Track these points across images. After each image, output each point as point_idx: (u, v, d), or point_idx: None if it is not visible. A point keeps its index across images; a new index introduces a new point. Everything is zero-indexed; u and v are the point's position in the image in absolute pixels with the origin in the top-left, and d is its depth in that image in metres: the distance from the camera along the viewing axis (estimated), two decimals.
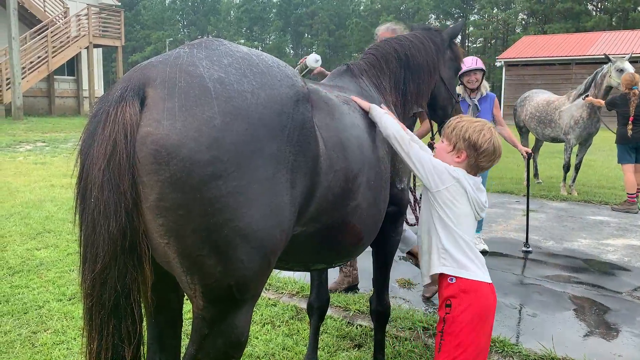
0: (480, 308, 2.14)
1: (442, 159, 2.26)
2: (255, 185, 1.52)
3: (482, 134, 2.19)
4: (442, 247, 2.19)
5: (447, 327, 2.14)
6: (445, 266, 2.18)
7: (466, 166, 2.24)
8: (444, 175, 2.19)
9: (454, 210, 2.19)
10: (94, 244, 1.46)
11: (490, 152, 2.19)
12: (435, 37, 3.05)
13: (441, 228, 2.21)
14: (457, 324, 2.12)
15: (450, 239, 2.19)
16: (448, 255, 2.18)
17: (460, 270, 2.16)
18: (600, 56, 28.94)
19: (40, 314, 3.76)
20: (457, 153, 2.23)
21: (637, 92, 7.62)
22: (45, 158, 11.71)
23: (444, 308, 2.18)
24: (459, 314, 2.12)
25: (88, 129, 1.51)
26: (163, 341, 1.88)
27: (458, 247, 2.18)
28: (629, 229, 6.71)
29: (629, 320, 3.88)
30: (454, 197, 2.19)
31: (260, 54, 1.75)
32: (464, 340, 2.10)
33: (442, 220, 2.20)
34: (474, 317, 2.12)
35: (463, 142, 2.20)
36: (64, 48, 23.10)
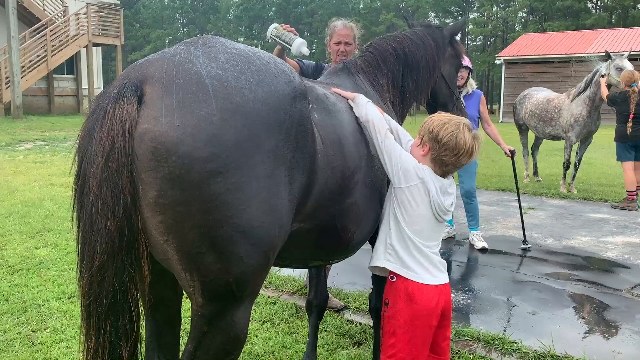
0: (417, 311, 2.13)
1: (412, 153, 2.25)
2: (253, 182, 1.52)
3: (445, 126, 2.13)
4: (390, 242, 2.20)
5: (384, 324, 2.20)
6: (389, 261, 2.19)
7: (430, 160, 2.19)
8: (409, 173, 2.15)
9: (410, 210, 2.17)
10: (92, 242, 1.46)
11: (452, 147, 2.11)
12: (435, 34, 3.04)
13: (393, 224, 2.20)
14: (391, 324, 2.16)
15: (399, 238, 2.18)
16: (394, 252, 2.18)
17: (402, 269, 2.16)
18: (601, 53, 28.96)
19: (40, 312, 3.76)
20: (422, 146, 2.20)
21: (636, 89, 7.61)
22: (44, 157, 11.70)
23: (383, 305, 2.22)
24: (393, 314, 2.16)
25: (86, 126, 1.51)
26: (161, 339, 1.88)
27: (405, 247, 2.17)
28: (628, 226, 6.71)
29: (628, 318, 3.88)
30: (412, 198, 2.15)
31: (257, 51, 1.75)
32: (397, 341, 2.13)
33: (396, 217, 2.20)
34: (407, 321, 2.12)
35: (427, 135, 2.18)
36: (63, 47, 23.09)
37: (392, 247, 2.19)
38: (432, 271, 2.18)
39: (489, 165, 11.38)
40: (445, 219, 2.21)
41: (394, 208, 2.20)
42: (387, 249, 2.20)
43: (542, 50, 31.64)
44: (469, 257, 5.37)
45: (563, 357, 3.21)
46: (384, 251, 2.22)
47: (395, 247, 2.18)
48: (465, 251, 5.56)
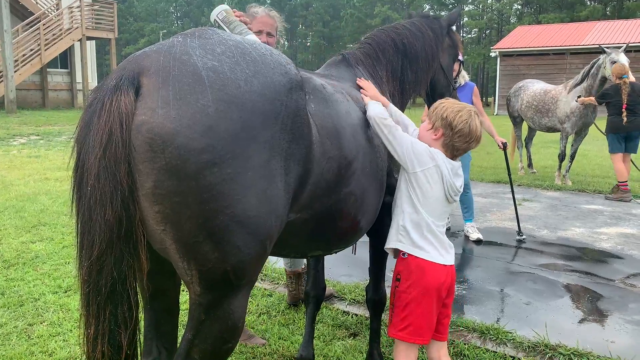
0: (429, 284, 2.24)
1: (422, 137, 2.34)
2: (249, 172, 1.53)
3: (459, 114, 2.25)
4: (403, 225, 2.30)
5: (395, 300, 2.31)
6: (400, 242, 2.30)
7: (442, 145, 2.30)
8: (422, 157, 2.25)
9: (425, 192, 2.27)
10: (91, 232, 1.48)
11: (465, 133, 2.25)
12: (433, 24, 3.05)
13: (408, 207, 2.30)
14: (403, 299, 2.27)
15: (414, 220, 2.28)
16: (406, 234, 2.29)
17: (414, 249, 2.27)
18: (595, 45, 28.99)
19: (36, 306, 3.77)
20: (435, 131, 2.30)
21: (627, 80, 7.72)
22: (39, 151, 11.67)
23: (394, 281, 2.33)
24: (405, 289, 2.27)
25: (84, 118, 1.52)
26: (160, 328, 1.90)
27: (418, 228, 2.28)
28: (622, 217, 6.76)
29: (621, 307, 3.92)
30: (426, 180, 2.26)
31: (253, 43, 1.75)
32: (410, 314, 2.25)
33: (411, 200, 2.29)
34: (419, 294, 2.24)
35: (441, 121, 2.27)
36: (57, 41, 22.95)
37: (404, 229, 2.30)
38: (441, 251, 2.29)
39: (483, 158, 11.42)
40: (455, 199, 2.34)
41: (408, 192, 2.30)
42: (400, 231, 2.31)
43: (537, 42, 31.66)
44: (464, 249, 5.41)
45: (557, 346, 3.24)
46: (396, 233, 2.33)
47: (407, 229, 2.29)
48: (460, 243, 5.59)
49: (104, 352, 1.54)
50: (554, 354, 3.19)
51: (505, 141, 5.65)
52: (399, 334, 2.29)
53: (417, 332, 2.26)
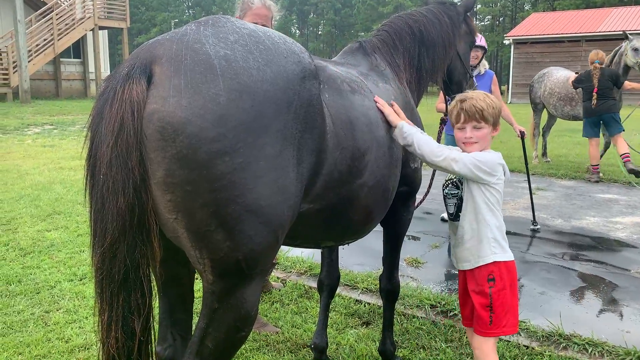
0: (514, 279, 2.33)
1: (487, 142, 2.34)
2: (261, 162, 1.52)
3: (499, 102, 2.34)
4: (493, 236, 2.29)
5: (495, 300, 2.27)
6: (495, 254, 2.29)
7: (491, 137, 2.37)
8: (495, 167, 2.27)
9: (501, 195, 2.33)
10: (103, 220, 1.49)
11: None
12: (450, 11, 3.01)
13: (491, 217, 2.30)
14: (503, 297, 2.27)
15: (499, 227, 2.31)
16: (497, 244, 2.30)
17: (505, 254, 2.31)
18: (612, 32, 28.47)
19: (52, 293, 3.82)
20: (495, 128, 2.35)
21: (598, 66, 7.91)
22: (53, 141, 11.77)
23: (487, 282, 2.30)
24: (502, 287, 2.27)
25: (96, 107, 1.52)
26: (174, 316, 1.91)
27: (502, 233, 2.32)
28: (638, 206, 6.68)
29: (637, 297, 3.88)
30: (501, 183, 2.32)
31: (267, 31, 1.74)
32: (510, 309, 2.29)
33: (492, 209, 2.30)
34: (511, 282, 2.31)
35: (499, 117, 2.33)
36: (70, 30, 23.07)
37: (495, 240, 2.30)
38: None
39: (497, 147, 11.20)
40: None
41: (487, 203, 2.30)
42: (491, 243, 2.29)
43: (552, 30, 31.17)
44: None
45: (571, 336, 3.22)
46: (489, 247, 2.29)
47: (497, 239, 2.30)
48: None
49: (118, 338, 1.55)
50: (568, 344, 3.17)
51: (524, 130, 5.60)
52: (504, 330, 2.30)
53: (516, 322, 2.34)
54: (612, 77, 7.90)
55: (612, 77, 7.91)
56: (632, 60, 8.05)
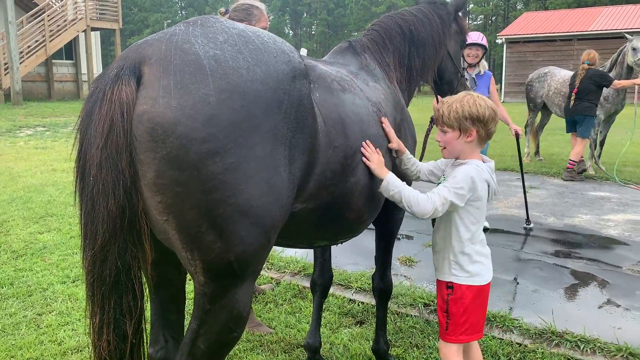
0: (479, 297, 2.26)
1: (454, 147, 2.25)
2: (252, 162, 1.52)
3: (477, 104, 2.17)
4: (455, 259, 2.25)
5: (451, 306, 2.25)
6: (454, 275, 2.25)
7: (477, 141, 2.22)
8: (475, 185, 2.16)
9: (479, 212, 2.24)
10: (94, 222, 1.48)
11: (492, 117, 2.19)
12: (440, 10, 3.02)
13: (457, 239, 2.23)
14: (461, 303, 2.23)
15: (463, 251, 2.23)
16: (458, 267, 2.24)
17: (469, 279, 2.23)
18: (603, 31, 28.57)
19: (45, 296, 3.81)
20: (466, 134, 2.20)
21: (585, 67, 8.06)
22: (45, 142, 11.71)
23: (445, 289, 2.28)
24: (462, 294, 2.23)
25: (85, 108, 1.52)
26: (166, 317, 1.91)
27: (468, 257, 2.23)
28: (629, 204, 6.72)
29: (629, 294, 3.91)
30: (480, 198, 2.21)
31: (256, 31, 1.73)
32: (469, 317, 2.24)
33: (462, 229, 2.23)
34: (475, 295, 2.24)
35: (466, 121, 2.17)
36: (62, 32, 22.93)
37: (456, 263, 2.25)
38: (487, 264, 2.29)
39: (490, 145, 11.29)
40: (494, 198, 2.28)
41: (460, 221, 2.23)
42: (452, 265, 2.25)
43: (544, 29, 31.29)
44: None
45: (564, 333, 3.24)
46: (448, 267, 2.27)
47: (459, 263, 2.24)
48: None
49: (110, 341, 1.54)
50: (560, 341, 3.18)
51: (520, 129, 5.63)
52: (460, 337, 2.25)
53: (476, 329, 2.28)
54: (595, 79, 7.99)
55: (596, 78, 7.99)
56: (631, 59, 8.14)
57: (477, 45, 5.39)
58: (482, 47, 5.40)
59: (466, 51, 5.43)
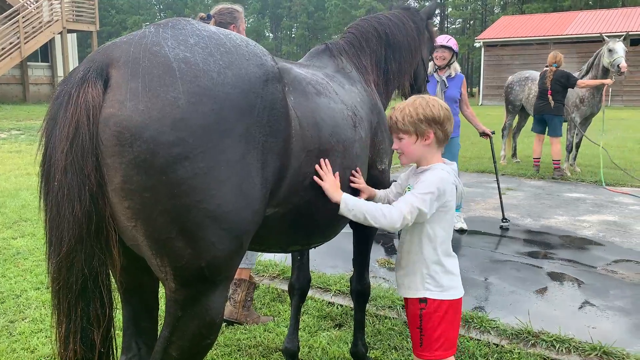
0: (451, 303, 2.17)
1: (412, 152, 2.18)
2: (223, 167, 1.50)
3: (430, 105, 2.12)
4: (428, 272, 2.15)
5: (424, 322, 2.16)
6: (428, 290, 2.15)
7: (435, 144, 2.16)
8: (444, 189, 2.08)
9: (447, 218, 2.16)
10: (59, 228, 1.44)
11: (448, 116, 2.13)
12: (414, 16, 3.06)
13: (429, 251, 2.14)
14: (435, 318, 2.14)
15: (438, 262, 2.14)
16: (432, 280, 2.15)
17: (442, 293, 2.15)
18: (578, 35, 29.08)
19: (18, 302, 3.72)
20: (423, 137, 2.14)
21: (553, 69, 8.41)
22: (20, 146, 11.49)
23: (418, 304, 2.17)
24: (436, 308, 2.14)
25: (50, 111, 1.48)
26: (139, 324, 1.87)
27: (442, 268, 2.15)
28: (604, 205, 6.84)
29: (602, 294, 3.97)
30: (449, 203, 2.13)
31: (228, 33, 1.71)
32: (444, 332, 2.15)
33: (432, 241, 2.14)
34: (448, 309, 2.16)
35: (422, 124, 2.12)
36: (37, 33, 22.55)
37: (430, 277, 2.15)
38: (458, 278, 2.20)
39: (468, 148, 11.45)
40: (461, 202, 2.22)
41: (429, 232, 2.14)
42: (425, 279, 2.15)
43: (521, 33, 31.79)
44: None
45: (540, 333, 3.27)
46: (421, 281, 2.16)
47: (433, 277, 2.14)
48: None
49: (76, 350, 1.50)
50: (536, 341, 3.21)
51: (492, 131, 5.70)
52: (435, 353, 2.14)
53: (452, 343, 2.18)
54: (562, 80, 8.33)
55: (562, 79, 8.33)
56: (607, 60, 8.34)
57: (443, 47, 5.45)
58: (449, 50, 5.45)
59: (433, 54, 5.49)
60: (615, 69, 8.26)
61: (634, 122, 18.60)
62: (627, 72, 8.37)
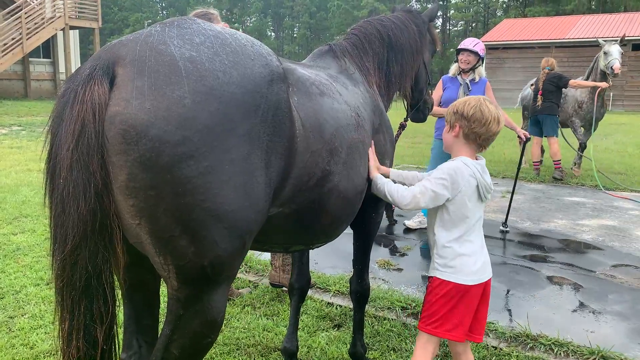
0: (455, 286, 2.26)
1: (445, 139, 2.40)
2: (227, 166, 1.50)
3: (467, 103, 2.30)
4: (437, 253, 2.32)
5: (427, 295, 2.36)
6: (438, 270, 2.31)
7: (464, 139, 2.31)
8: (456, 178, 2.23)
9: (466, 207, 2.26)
10: (64, 225, 1.45)
11: (479, 117, 2.25)
12: (416, 19, 3.07)
13: (441, 233, 2.30)
14: (433, 295, 2.30)
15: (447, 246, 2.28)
16: (442, 260, 2.30)
17: (444, 274, 2.28)
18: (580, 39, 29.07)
19: (18, 298, 3.73)
20: (452, 128, 2.34)
21: (546, 71, 8.55)
22: (21, 142, 11.49)
23: (429, 280, 2.38)
24: (436, 286, 2.30)
25: (56, 108, 1.48)
26: (140, 322, 1.87)
27: (453, 251, 2.27)
28: (603, 209, 6.84)
29: (601, 298, 3.97)
30: (464, 194, 2.25)
31: (234, 33, 1.72)
32: (437, 311, 2.28)
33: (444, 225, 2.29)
34: (448, 292, 2.26)
35: (454, 116, 2.32)
36: (39, 30, 22.52)
37: (439, 257, 2.30)
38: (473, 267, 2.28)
39: None
40: (487, 197, 2.34)
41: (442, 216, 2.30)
42: (435, 259, 2.33)
43: (523, 36, 31.77)
44: None
45: (538, 336, 3.28)
46: (432, 261, 2.35)
47: (443, 257, 2.29)
48: None
49: (79, 347, 1.51)
50: (535, 344, 3.22)
51: (529, 137, 5.71)
52: (427, 328, 2.31)
53: (446, 326, 2.27)
54: (553, 80, 8.45)
55: (554, 80, 8.46)
56: (602, 63, 8.35)
57: (467, 51, 5.41)
58: (475, 54, 5.40)
59: (458, 56, 5.49)
60: (609, 71, 8.27)
61: (635, 126, 18.60)
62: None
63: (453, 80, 5.57)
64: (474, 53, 5.38)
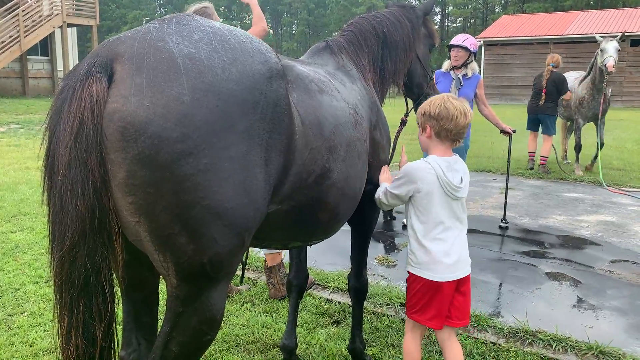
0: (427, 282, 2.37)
1: (421, 143, 2.48)
2: (226, 163, 1.50)
3: (432, 103, 2.36)
4: (411, 249, 2.44)
5: (406, 288, 2.51)
6: (411, 266, 2.44)
7: (435, 138, 2.38)
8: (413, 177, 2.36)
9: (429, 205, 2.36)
10: (62, 222, 1.44)
11: (446, 115, 2.31)
12: (410, 14, 3.07)
13: (414, 229, 2.41)
14: (411, 289, 2.45)
15: (420, 240, 2.38)
16: (415, 257, 2.41)
17: (415, 269, 2.41)
18: (579, 35, 29.05)
19: (17, 296, 3.73)
20: (424, 130, 2.40)
21: (550, 69, 8.57)
22: (19, 140, 11.48)
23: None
24: (412, 281, 2.44)
25: (55, 105, 1.48)
26: (139, 319, 1.87)
27: (424, 248, 2.37)
28: (602, 205, 6.85)
29: (600, 294, 3.98)
30: (423, 191, 2.35)
31: (232, 30, 1.72)
32: (417, 302, 2.42)
33: (417, 219, 2.40)
34: (422, 287, 2.39)
35: (422, 117, 2.40)
36: (37, 27, 22.47)
37: (412, 253, 2.42)
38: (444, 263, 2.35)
39: (487, 147, 11.43)
40: (456, 196, 2.38)
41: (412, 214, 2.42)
42: (409, 255, 2.45)
43: (521, 32, 31.75)
44: None
45: (537, 332, 3.29)
46: (407, 257, 2.47)
47: (415, 253, 2.40)
48: None
49: (78, 345, 1.50)
50: (533, 340, 3.23)
51: (514, 129, 5.71)
52: (411, 315, 2.45)
53: (426, 315, 2.40)
54: (557, 83, 8.52)
55: (556, 82, 8.52)
56: (599, 60, 8.31)
57: (457, 46, 5.43)
58: (465, 49, 5.42)
59: (450, 53, 5.51)
60: (604, 69, 8.26)
61: (633, 122, 18.62)
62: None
63: (445, 75, 5.61)
64: (464, 49, 5.41)
